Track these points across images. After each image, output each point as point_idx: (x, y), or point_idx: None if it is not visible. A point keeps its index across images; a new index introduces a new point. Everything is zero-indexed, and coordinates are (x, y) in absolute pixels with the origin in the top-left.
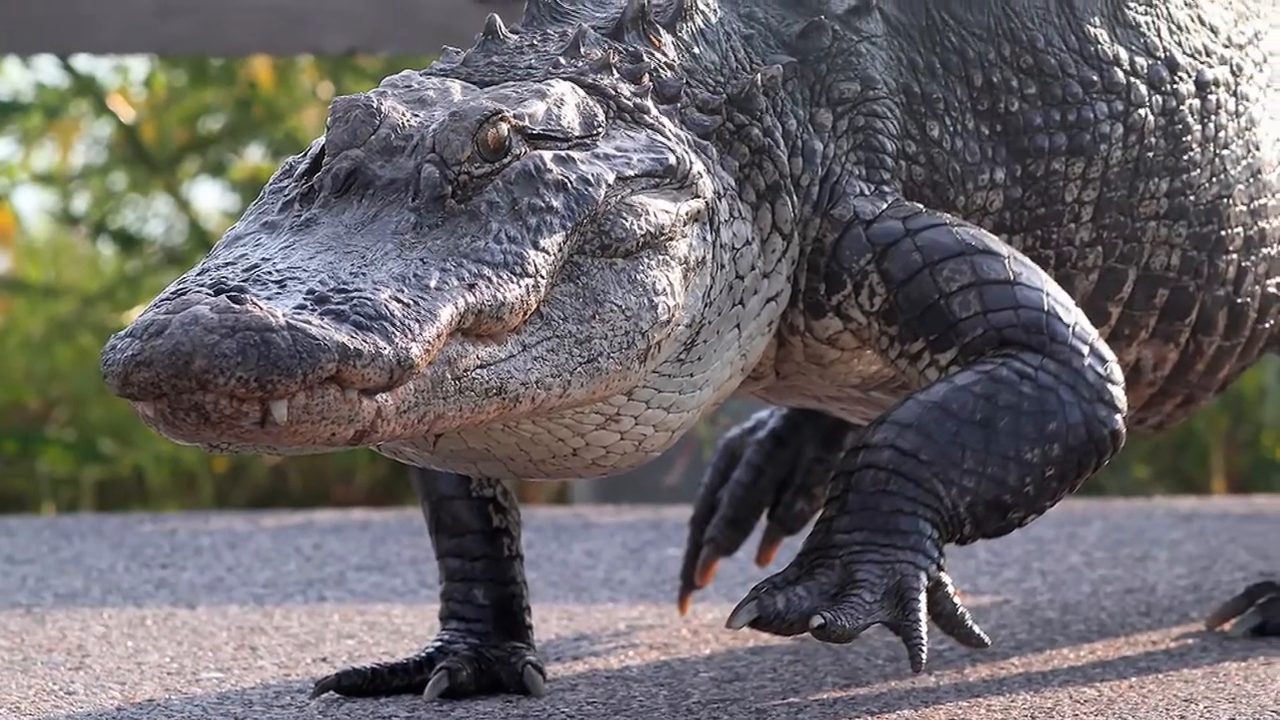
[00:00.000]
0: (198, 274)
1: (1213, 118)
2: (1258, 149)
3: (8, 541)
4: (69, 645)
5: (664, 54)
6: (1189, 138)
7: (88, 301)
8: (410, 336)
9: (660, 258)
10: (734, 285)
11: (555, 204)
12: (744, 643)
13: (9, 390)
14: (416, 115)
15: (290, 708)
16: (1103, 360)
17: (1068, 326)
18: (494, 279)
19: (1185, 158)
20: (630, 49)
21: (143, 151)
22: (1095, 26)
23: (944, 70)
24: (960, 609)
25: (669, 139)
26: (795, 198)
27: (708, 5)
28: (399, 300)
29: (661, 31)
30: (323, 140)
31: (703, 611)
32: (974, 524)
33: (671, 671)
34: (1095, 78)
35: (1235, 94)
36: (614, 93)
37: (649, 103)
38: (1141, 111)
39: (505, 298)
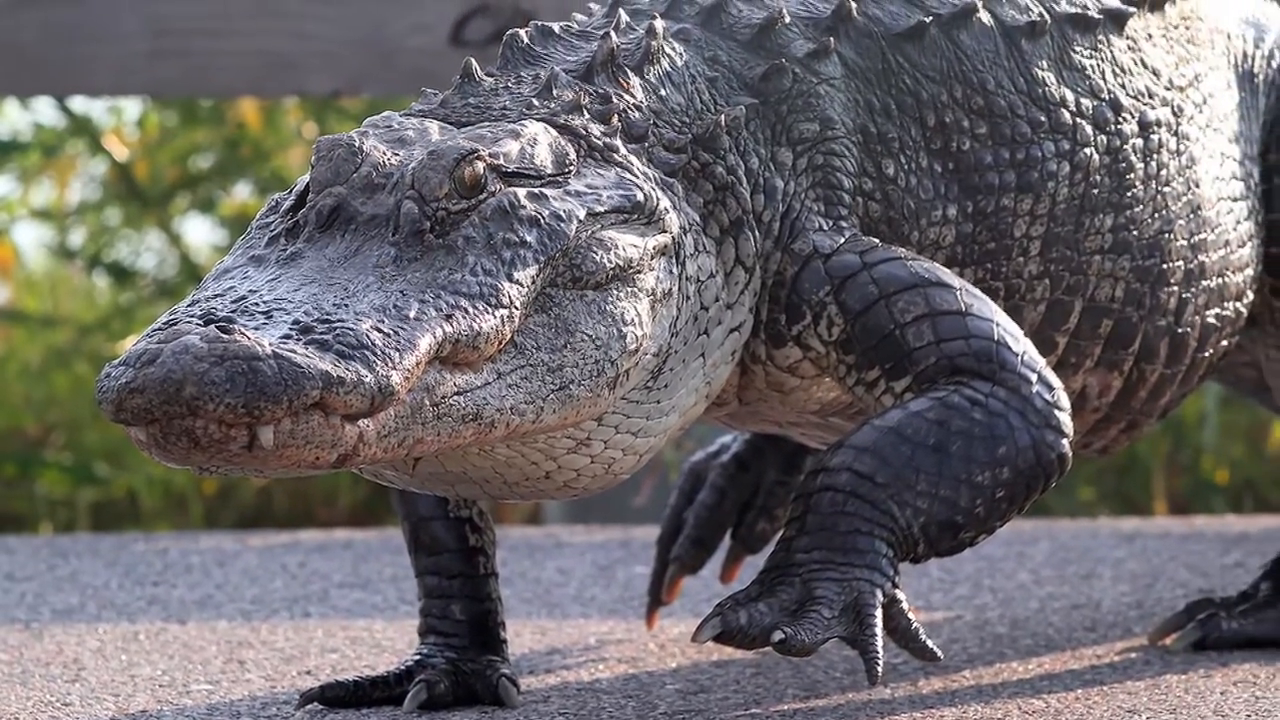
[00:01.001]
0: (188, 305)
1: (1155, 156)
2: (1198, 186)
3: (7, 559)
4: (66, 659)
5: (632, 96)
6: (1132, 175)
7: (83, 331)
8: (391, 365)
9: (629, 290)
10: (699, 316)
11: (529, 239)
12: (708, 656)
13: (8, 416)
14: (396, 154)
15: (276, 718)
16: (1050, 388)
17: (1017, 355)
18: (470, 310)
19: (1129, 195)
20: (600, 91)
21: (136, 188)
22: (1043, 70)
23: (899, 111)
24: (914, 624)
25: (637, 177)
26: (757, 233)
27: (674, 49)
28: (380, 330)
29: (630, 74)
30: (307, 178)
31: (669, 627)
32: (927, 543)
33: (639, 684)
34: (1043, 118)
35: (1176, 134)
36: (585, 133)
37: (618, 142)
38: (1087, 150)
39: (481, 328)
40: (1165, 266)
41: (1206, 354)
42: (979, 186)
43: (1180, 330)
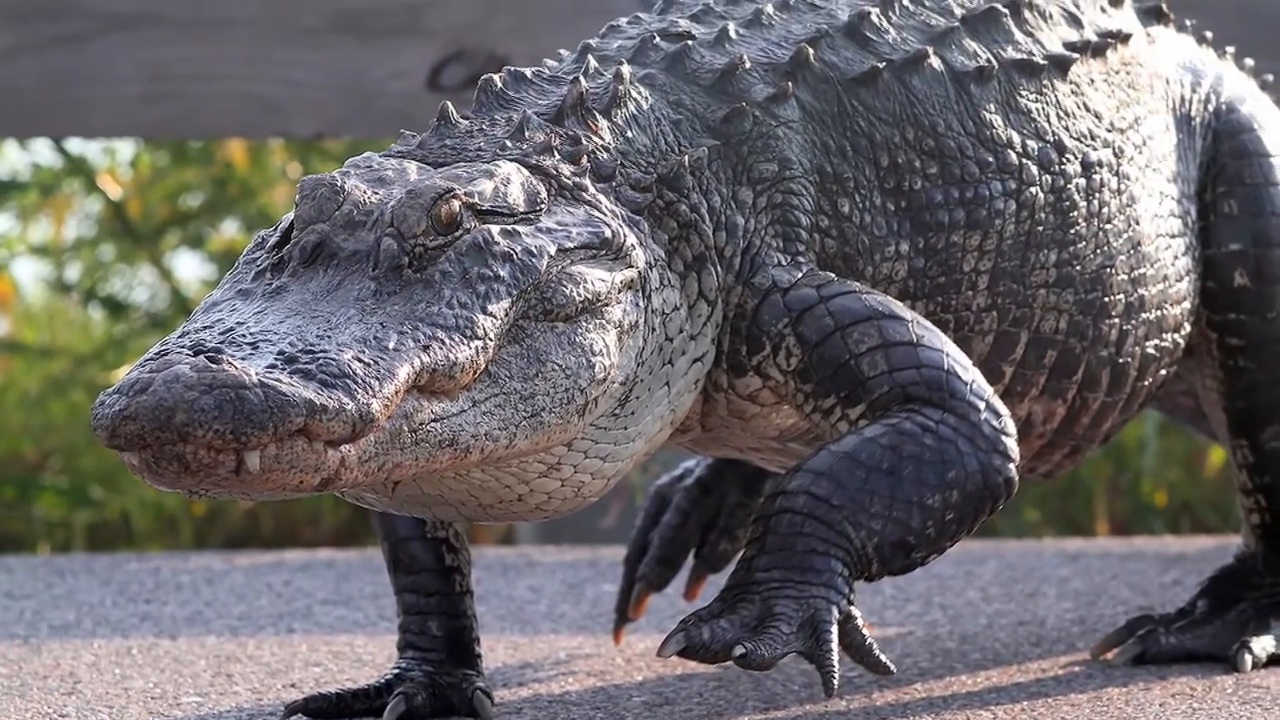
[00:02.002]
0: (178, 336)
1: (1097, 195)
2: (1137, 224)
3: (6, 578)
4: (62, 672)
5: (600, 138)
6: (1075, 213)
7: (79, 362)
8: (371, 393)
9: (597, 322)
10: (664, 347)
11: (502, 273)
12: (673, 670)
13: (8, 442)
14: (376, 193)
15: None
16: (997, 415)
17: (966, 384)
18: (447, 341)
19: (1072, 231)
20: (570, 133)
21: (129, 225)
22: (991, 113)
23: (854, 152)
24: (868, 640)
25: (605, 214)
26: (719, 268)
27: (640, 93)
28: (361, 360)
29: (598, 117)
30: (292, 215)
31: (635, 642)
32: (881, 562)
33: (607, 696)
34: (991, 159)
35: (1117, 174)
36: (555, 172)
37: (587, 181)
38: (1032, 190)
39: (457, 358)
40: (1107, 300)
41: (1146, 383)
42: (930, 224)
43: (1121, 360)
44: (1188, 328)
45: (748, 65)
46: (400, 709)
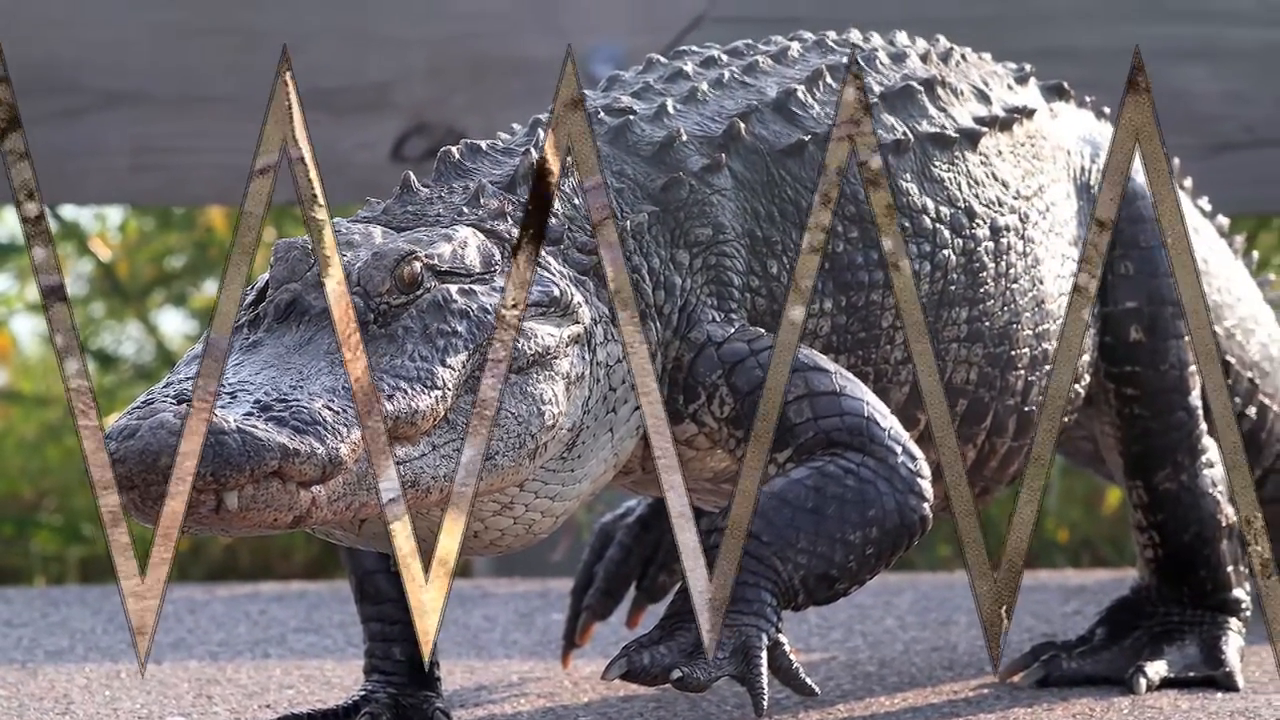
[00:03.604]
0: (163, 387)
1: (1004, 257)
2: (1041, 283)
3: (5, 608)
4: (57, 694)
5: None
6: (984, 274)
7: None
8: (340, 438)
9: (547, 373)
10: (608, 396)
11: (460, 329)
12: (616, 692)
13: (7, 483)
14: (344, 255)
15: None
16: (914, 458)
17: (884, 430)
18: (409, 391)
19: (981, 290)
20: (522, 200)
21: (118, 285)
22: (907, 181)
23: (782, 218)
24: (795, 664)
25: (554, 275)
26: (658, 324)
27: None
28: (330, 409)
29: None
30: (267, 276)
31: (582, 666)
32: (806, 593)
33: (556, 716)
34: (906, 224)
35: (1023, 238)
36: (508, 236)
37: None
38: (945, 252)
39: (418, 406)
40: (1013, 353)
41: None
42: (851, 283)
43: (1027, 408)
44: (1087, 379)
45: (684, 138)
46: None
